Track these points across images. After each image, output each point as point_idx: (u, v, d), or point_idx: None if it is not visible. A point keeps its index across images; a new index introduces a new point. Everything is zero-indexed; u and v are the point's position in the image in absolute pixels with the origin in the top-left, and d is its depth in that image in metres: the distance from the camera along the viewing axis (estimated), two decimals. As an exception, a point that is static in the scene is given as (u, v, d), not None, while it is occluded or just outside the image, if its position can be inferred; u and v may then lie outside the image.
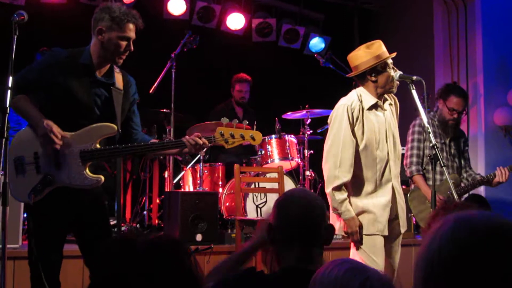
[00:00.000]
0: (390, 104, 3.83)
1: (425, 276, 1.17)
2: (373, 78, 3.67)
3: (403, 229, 3.75)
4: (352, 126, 3.63)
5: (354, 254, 3.66)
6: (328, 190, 3.61)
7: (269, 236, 2.22)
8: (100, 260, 1.42)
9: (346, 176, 3.58)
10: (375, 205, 3.63)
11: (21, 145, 3.22)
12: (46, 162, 3.19)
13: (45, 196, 3.19)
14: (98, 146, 3.23)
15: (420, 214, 4.90)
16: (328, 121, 3.78)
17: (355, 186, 3.66)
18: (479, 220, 1.17)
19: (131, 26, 3.25)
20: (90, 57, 3.29)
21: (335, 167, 3.58)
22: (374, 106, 3.70)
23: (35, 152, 3.20)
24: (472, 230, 1.15)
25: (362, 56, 3.68)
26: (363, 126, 3.65)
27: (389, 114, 3.77)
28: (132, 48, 3.30)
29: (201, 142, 3.32)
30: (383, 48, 3.69)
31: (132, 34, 3.27)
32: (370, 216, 3.62)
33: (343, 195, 3.58)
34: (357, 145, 3.63)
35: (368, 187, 3.66)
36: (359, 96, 3.70)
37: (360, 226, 3.58)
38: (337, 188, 3.57)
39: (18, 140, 3.26)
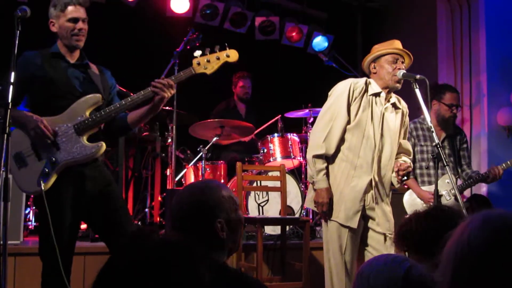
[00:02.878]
0: (397, 107, 3.84)
1: (453, 269, 1.21)
2: (374, 70, 3.81)
3: (379, 228, 3.72)
4: (349, 102, 3.71)
5: (325, 234, 3.76)
6: (308, 156, 3.72)
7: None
8: (115, 251, 1.41)
9: (330, 149, 3.69)
10: (343, 191, 3.67)
11: (16, 142, 3.30)
12: (45, 148, 3.29)
13: (53, 184, 3.24)
14: (88, 116, 3.34)
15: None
16: (329, 93, 3.84)
17: (334, 162, 3.72)
18: (507, 217, 1.22)
19: (72, 7, 3.36)
20: (57, 48, 3.44)
21: (322, 138, 3.68)
22: (377, 96, 3.76)
23: (32, 143, 3.31)
24: (500, 226, 1.20)
25: (372, 51, 3.84)
26: (359, 107, 3.72)
27: (392, 116, 3.80)
28: (83, 26, 3.39)
29: (165, 81, 3.33)
30: (394, 44, 3.81)
31: (77, 14, 3.37)
32: (335, 201, 3.68)
33: (322, 164, 3.68)
34: (348, 123, 3.71)
35: (345, 168, 3.70)
36: (367, 82, 3.79)
37: (331, 198, 3.66)
38: (318, 157, 3.68)
39: (12, 139, 3.26)
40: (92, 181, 3.36)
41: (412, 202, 4.86)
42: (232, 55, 3.45)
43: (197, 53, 3.40)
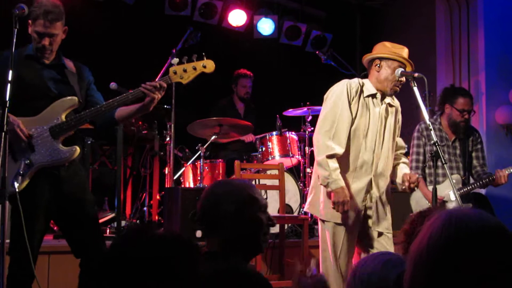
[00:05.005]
0: (391, 106, 3.84)
1: (414, 265, 1.22)
2: (377, 68, 3.76)
3: (378, 227, 3.74)
4: (350, 102, 3.67)
5: (321, 234, 3.74)
6: (320, 157, 3.60)
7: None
8: (113, 245, 1.41)
9: (339, 148, 3.61)
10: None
11: None
12: (20, 149, 3.29)
13: (29, 185, 3.27)
14: (64, 119, 3.33)
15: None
16: (325, 96, 3.80)
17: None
18: (470, 217, 1.21)
19: (40, 21, 3.28)
20: (32, 49, 3.40)
21: (329, 138, 3.60)
22: (372, 97, 3.75)
23: (9, 143, 3.27)
24: (461, 226, 1.20)
25: (381, 47, 3.80)
26: (357, 108, 3.70)
27: (385, 113, 3.80)
28: (46, 43, 3.32)
29: (157, 84, 3.33)
30: (403, 52, 3.78)
31: (41, 29, 3.29)
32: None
33: (335, 164, 3.58)
34: (351, 123, 3.67)
35: (346, 169, 3.68)
36: (361, 83, 3.76)
37: (351, 197, 3.61)
38: (331, 156, 3.58)
39: None
40: (67, 183, 3.39)
41: (418, 199, 4.87)
42: (209, 65, 3.45)
43: (175, 60, 3.40)
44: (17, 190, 3.17)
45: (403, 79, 3.72)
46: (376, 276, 1.49)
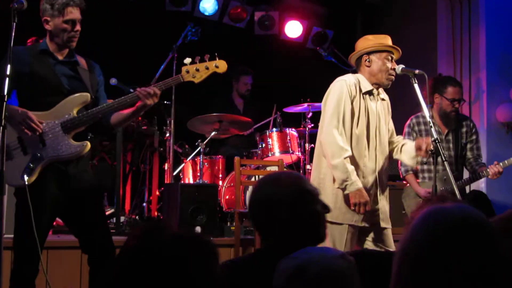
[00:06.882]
0: (383, 100, 3.84)
1: (399, 263, 1.23)
2: (367, 63, 3.73)
3: (383, 223, 3.72)
4: (352, 101, 3.63)
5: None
6: (336, 160, 3.52)
7: None
8: (125, 244, 1.39)
9: (349, 148, 3.57)
10: None
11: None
12: (31, 143, 3.31)
13: (36, 180, 3.27)
14: (75, 114, 3.35)
15: (409, 209, 4.91)
16: (325, 96, 3.75)
17: None
18: (449, 210, 1.23)
19: (71, 9, 3.31)
20: (46, 45, 3.42)
21: (340, 139, 3.55)
22: (369, 93, 3.72)
23: (18, 136, 3.32)
24: (441, 219, 1.21)
25: (365, 42, 3.78)
26: (359, 107, 3.67)
27: (380, 108, 3.79)
28: (79, 28, 3.37)
29: (151, 91, 3.35)
30: (388, 41, 3.76)
31: (74, 16, 3.34)
32: (342, 202, 3.59)
33: (351, 165, 3.54)
34: (352, 124, 3.64)
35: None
36: (357, 80, 3.72)
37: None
38: (346, 158, 3.52)
39: None
40: (76, 180, 3.39)
41: (409, 196, 4.87)
42: (221, 66, 3.47)
43: (187, 60, 3.41)
44: (26, 183, 3.19)
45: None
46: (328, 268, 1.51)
